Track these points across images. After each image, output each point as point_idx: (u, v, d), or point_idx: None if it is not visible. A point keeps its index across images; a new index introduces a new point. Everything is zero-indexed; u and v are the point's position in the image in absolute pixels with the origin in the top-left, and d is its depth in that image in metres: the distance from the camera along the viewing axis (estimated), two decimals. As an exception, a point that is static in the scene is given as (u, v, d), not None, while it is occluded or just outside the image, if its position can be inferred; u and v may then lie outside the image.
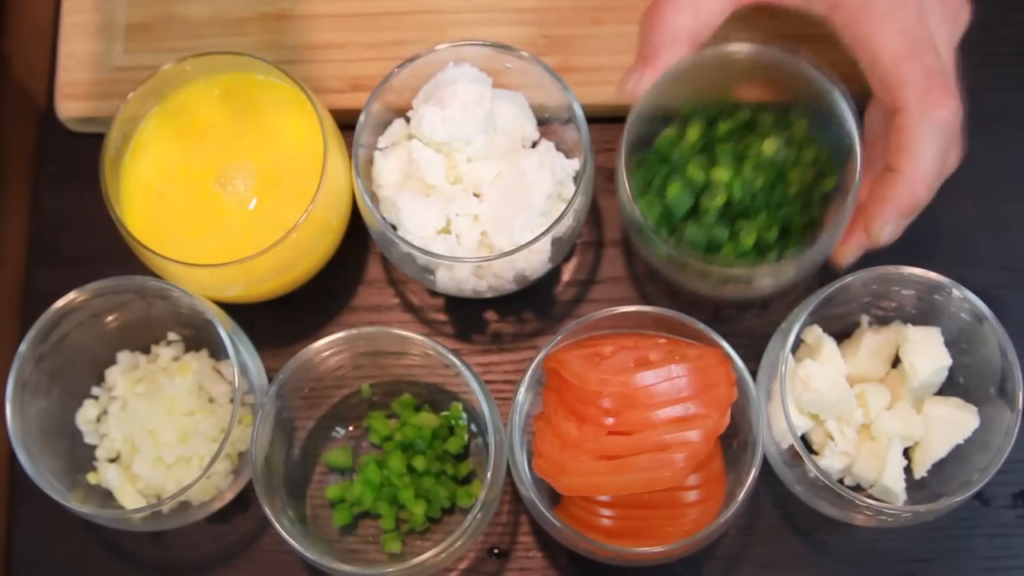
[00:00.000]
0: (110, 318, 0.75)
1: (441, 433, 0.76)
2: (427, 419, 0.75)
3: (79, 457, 0.75)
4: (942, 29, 0.69)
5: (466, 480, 0.76)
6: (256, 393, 0.73)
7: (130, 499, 0.74)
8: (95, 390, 0.77)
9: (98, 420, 0.76)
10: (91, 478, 0.75)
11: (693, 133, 0.74)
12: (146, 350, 0.78)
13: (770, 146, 0.72)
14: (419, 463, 0.74)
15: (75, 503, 0.69)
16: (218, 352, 0.78)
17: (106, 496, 0.74)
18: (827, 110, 0.72)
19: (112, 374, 0.77)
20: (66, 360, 0.74)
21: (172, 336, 0.78)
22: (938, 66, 0.67)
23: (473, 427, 0.77)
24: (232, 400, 0.75)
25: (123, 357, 0.77)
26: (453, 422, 0.76)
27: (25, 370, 0.71)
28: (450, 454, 0.76)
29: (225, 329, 0.70)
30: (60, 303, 0.71)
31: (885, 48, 0.67)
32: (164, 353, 0.77)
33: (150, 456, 0.73)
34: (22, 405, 0.71)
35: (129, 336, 0.77)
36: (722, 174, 0.72)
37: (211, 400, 0.76)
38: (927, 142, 0.67)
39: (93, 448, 0.76)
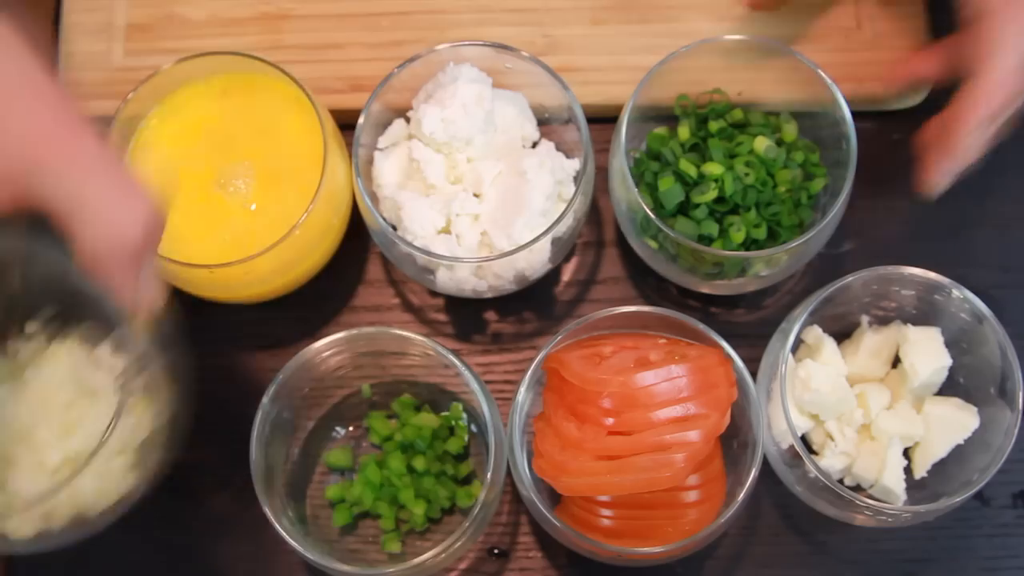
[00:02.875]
0: None
1: (441, 433, 0.75)
2: (427, 419, 0.75)
3: None
4: None
5: (466, 480, 0.76)
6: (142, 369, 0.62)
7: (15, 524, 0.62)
8: None
9: None
10: None
11: (684, 131, 0.77)
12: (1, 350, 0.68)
13: (761, 143, 0.75)
14: (419, 463, 0.74)
15: None
16: (93, 338, 0.68)
17: None
18: (821, 107, 0.73)
19: None
20: None
21: (30, 327, 0.68)
22: None
23: (473, 427, 0.77)
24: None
25: None
26: (453, 422, 0.76)
27: None
28: (450, 454, 0.76)
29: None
30: None
31: None
32: (24, 348, 0.68)
33: (28, 464, 0.63)
34: None
35: None
36: (714, 168, 0.74)
37: (95, 394, 0.66)
38: (1011, 47, 0.66)
39: None
